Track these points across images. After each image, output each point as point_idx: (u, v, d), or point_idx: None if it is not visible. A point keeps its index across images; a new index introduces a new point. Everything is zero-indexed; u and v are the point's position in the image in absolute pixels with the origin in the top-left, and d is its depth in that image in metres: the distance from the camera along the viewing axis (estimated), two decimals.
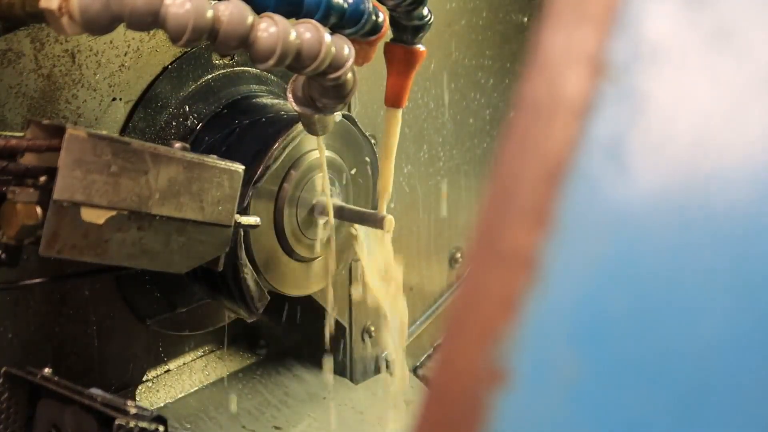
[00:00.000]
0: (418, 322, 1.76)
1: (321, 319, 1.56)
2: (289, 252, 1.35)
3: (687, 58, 0.42)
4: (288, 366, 1.66)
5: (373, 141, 1.46)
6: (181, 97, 1.33)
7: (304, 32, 0.93)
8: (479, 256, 0.42)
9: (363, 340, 1.67)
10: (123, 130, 1.27)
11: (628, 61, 0.42)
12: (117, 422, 0.91)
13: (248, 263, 1.27)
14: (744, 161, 0.40)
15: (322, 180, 1.32)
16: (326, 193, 1.32)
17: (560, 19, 0.43)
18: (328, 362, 1.61)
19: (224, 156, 1.13)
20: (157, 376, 1.51)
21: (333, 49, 0.96)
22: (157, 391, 1.53)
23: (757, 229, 0.39)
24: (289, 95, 1.11)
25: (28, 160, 0.93)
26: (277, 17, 0.91)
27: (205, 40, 0.87)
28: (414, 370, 1.71)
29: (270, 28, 0.89)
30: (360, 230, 1.36)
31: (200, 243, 1.07)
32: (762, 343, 0.38)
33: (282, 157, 1.28)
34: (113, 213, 0.95)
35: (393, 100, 1.28)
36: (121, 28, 0.84)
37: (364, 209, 1.33)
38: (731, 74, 0.41)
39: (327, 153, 1.33)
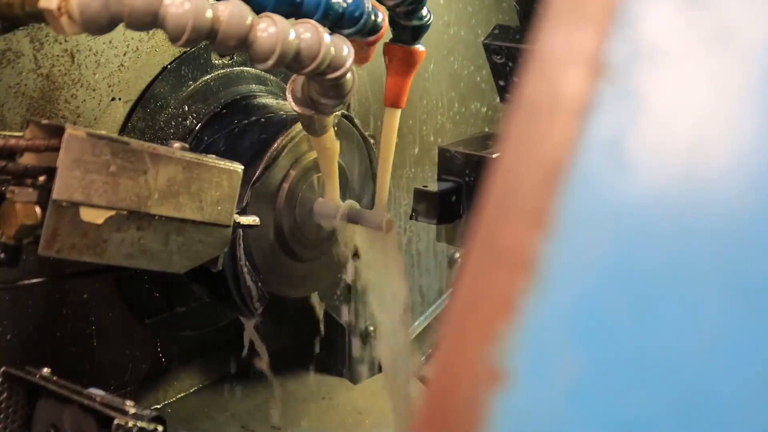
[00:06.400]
0: (417, 322, 1.76)
1: (320, 320, 1.56)
2: (289, 252, 1.35)
3: (686, 59, 0.42)
4: (287, 366, 1.66)
5: (372, 141, 1.46)
6: (180, 97, 1.33)
7: (304, 32, 0.93)
8: (478, 255, 0.42)
9: (362, 340, 1.67)
10: (122, 130, 1.27)
11: (627, 62, 0.42)
12: (116, 422, 0.91)
13: (247, 263, 1.27)
14: (742, 161, 0.40)
15: (331, 183, 1.31)
16: (335, 196, 1.32)
17: (560, 20, 0.43)
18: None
19: (223, 156, 1.13)
20: (157, 376, 1.51)
21: (332, 49, 0.96)
22: (157, 391, 1.52)
23: (756, 228, 0.39)
24: (289, 95, 1.11)
25: (28, 159, 0.93)
26: (277, 17, 0.91)
27: (205, 40, 0.87)
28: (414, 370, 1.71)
29: (269, 28, 0.89)
30: (362, 247, 1.35)
31: (199, 243, 1.07)
32: (761, 342, 0.38)
33: (281, 157, 1.28)
34: (112, 213, 0.95)
35: (392, 100, 1.28)
36: (120, 28, 0.84)
37: (364, 209, 1.33)
38: (730, 74, 0.41)
39: None
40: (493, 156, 1.24)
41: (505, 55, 1.17)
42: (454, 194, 1.26)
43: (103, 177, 0.93)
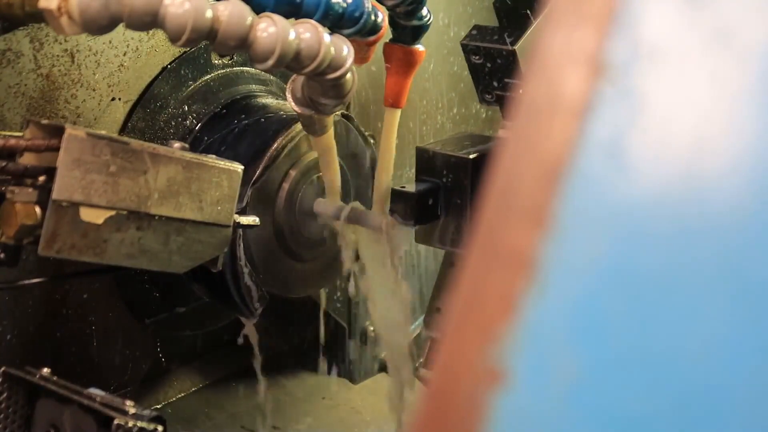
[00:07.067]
0: (417, 322, 1.76)
1: (319, 320, 1.56)
2: (288, 252, 1.35)
3: (686, 59, 0.42)
4: (287, 366, 1.66)
5: (372, 141, 1.46)
6: (180, 97, 1.33)
7: (304, 32, 0.93)
8: (478, 255, 0.42)
9: (362, 340, 1.67)
10: (122, 130, 1.27)
11: (627, 62, 0.42)
12: (116, 422, 0.91)
13: (247, 263, 1.27)
14: (742, 161, 0.40)
15: (332, 183, 1.31)
16: (336, 196, 1.32)
17: (560, 20, 0.43)
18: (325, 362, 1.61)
19: (223, 156, 1.13)
20: (157, 376, 1.51)
21: (332, 49, 0.96)
22: (157, 391, 1.52)
23: (755, 228, 0.39)
24: (289, 95, 1.11)
25: (27, 159, 0.93)
26: (277, 17, 0.91)
27: (205, 40, 0.87)
28: (413, 370, 1.71)
29: (269, 29, 0.89)
30: (361, 245, 1.35)
31: (199, 243, 1.07)
32: (760, 343, 0.38)
33: (281, 157, 1.28)
34: (112, 213, 0.95)
35: (392, 100, 1.28)
36: (120, 28, 0.84)
37: (364, 210, 1.33)
38: (730, 74, 0.41)
39: None
40: (471, 156, 1.23)
41: (483, 55, 1.17)
42: (432, 195, 1.25)
43: (103, 177, 0.93)
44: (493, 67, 1.18)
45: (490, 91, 1.21)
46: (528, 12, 1.17)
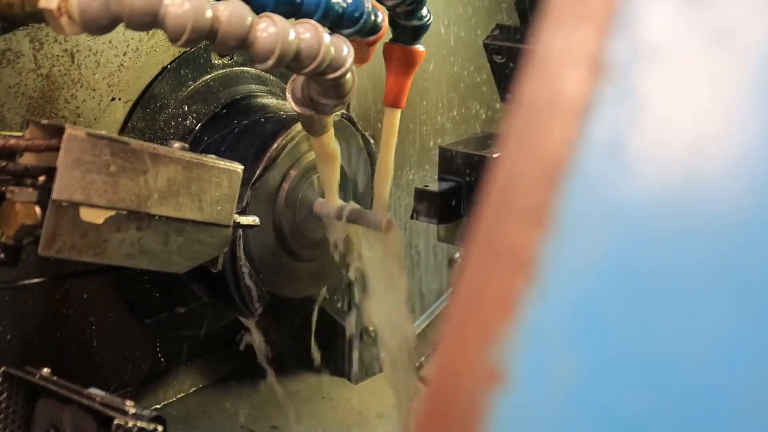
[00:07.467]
0: (417, 322, 1.76)
1: (319, 319, 1.56)
2: (288, 252, 1.35)
3: (685, 59, 0.42)
4: (286, 366, 1.66)
5: (372, 141, 1.46)
6: (180, 97, 1.33)
7: (303, 32, 0.93)
8: (478, 255, 0.42)
9: (362, 340, 1.67)
10: (122, 130, 1.27)
11: (627, 62, 0.42)
12: (116, 422, 0.91)
13: (247, 263, 1.27)
14: (742, 161, 0.40)
15: (331, 183, 1.31)
16: (334, 195, 1.32)
17: (559, 20, 0.43)
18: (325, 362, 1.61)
19: (223, 156, 1.13)
20: (157, 376, 1.51)
21: (332, 49, 0.96)
22: (157, 391, 1.52)
23: (755, 228, 0.39)
24: (289, 95, 1.11)
25: (27, 159, 0.93)
26: (276, 17, 0.91)
27: (205, 40, 0.87)
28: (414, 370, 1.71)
29: (269, 29, 0.90)
30: (362, 239, 1.35)
31: (199, 243, 1.07)
32: (760, 343, 0.38)
33: (281, 157, 1.28)
34: (112, 213, 0.95)
35: (392, 100, 1.28)
36: (120, 28, 0.84)
37: (364, 209, 1.33)
38: (730, 74, 0.41)
39: None
40: (494, 156, 1.24)
41: (506, 54, 1.17)
42: (455, 194, 1.27)
43: (103, 177, 0.93)
44: (515, 66, 1.18)
45: (512, 90, 1.21)
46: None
